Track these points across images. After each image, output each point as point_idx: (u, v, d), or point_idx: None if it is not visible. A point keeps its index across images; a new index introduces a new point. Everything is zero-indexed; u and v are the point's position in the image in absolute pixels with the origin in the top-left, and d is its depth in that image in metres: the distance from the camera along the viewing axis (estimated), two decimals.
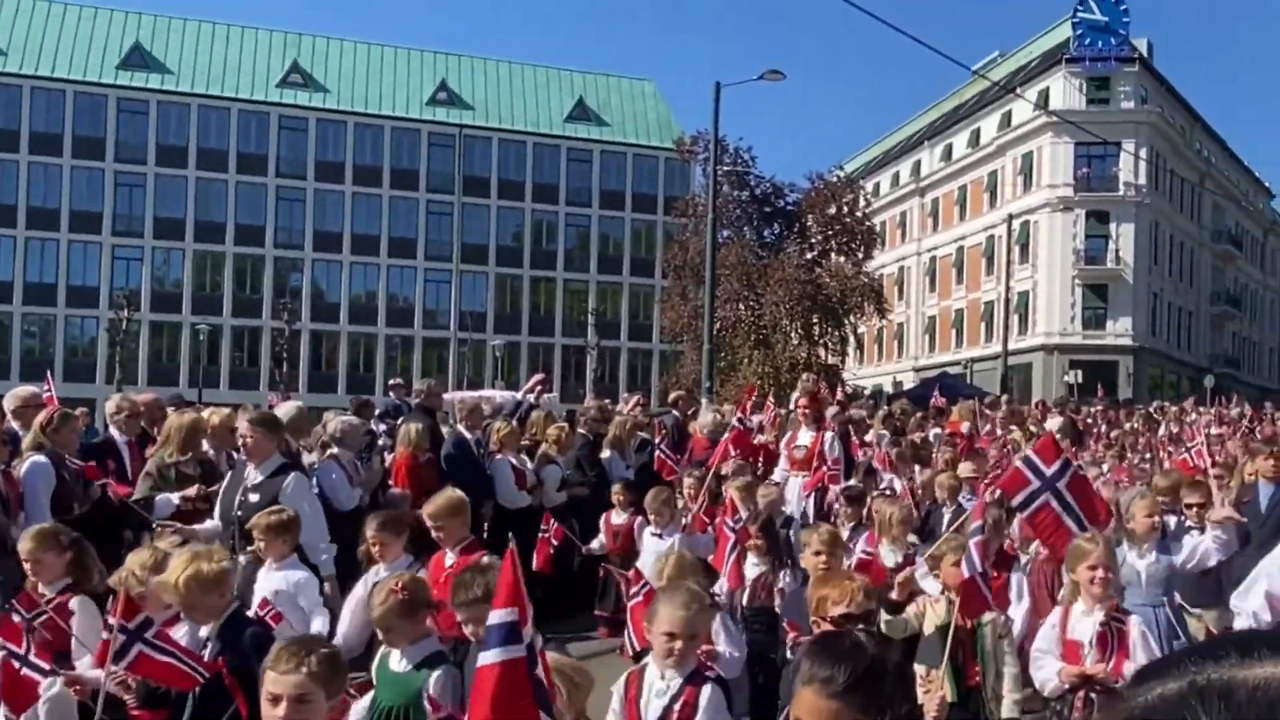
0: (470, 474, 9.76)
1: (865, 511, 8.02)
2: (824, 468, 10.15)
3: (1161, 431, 17.00)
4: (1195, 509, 7.44)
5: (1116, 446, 14.89)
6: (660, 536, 8.08)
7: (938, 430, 13.91)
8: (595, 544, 9.55)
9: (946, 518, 7.90)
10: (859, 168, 65.20)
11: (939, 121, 64.83)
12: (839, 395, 18.09)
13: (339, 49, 61.22)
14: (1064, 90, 52.37)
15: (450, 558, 5.91)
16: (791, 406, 16.13)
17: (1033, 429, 14.52)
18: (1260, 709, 0.65)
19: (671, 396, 16.25)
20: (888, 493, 9.05)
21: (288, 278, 57.73)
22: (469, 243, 59.98)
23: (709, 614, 4.44)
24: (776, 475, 10.52)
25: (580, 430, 11.73)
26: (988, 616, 5.46)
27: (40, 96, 54.66)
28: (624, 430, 11.73)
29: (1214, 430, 15.00)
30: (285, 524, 5.74)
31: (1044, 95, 52.79)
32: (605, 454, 11.46)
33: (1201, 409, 22.46)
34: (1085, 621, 5.08)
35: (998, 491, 7.29)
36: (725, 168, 38.40)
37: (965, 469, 9.50)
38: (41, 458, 7.16)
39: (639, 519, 8.93)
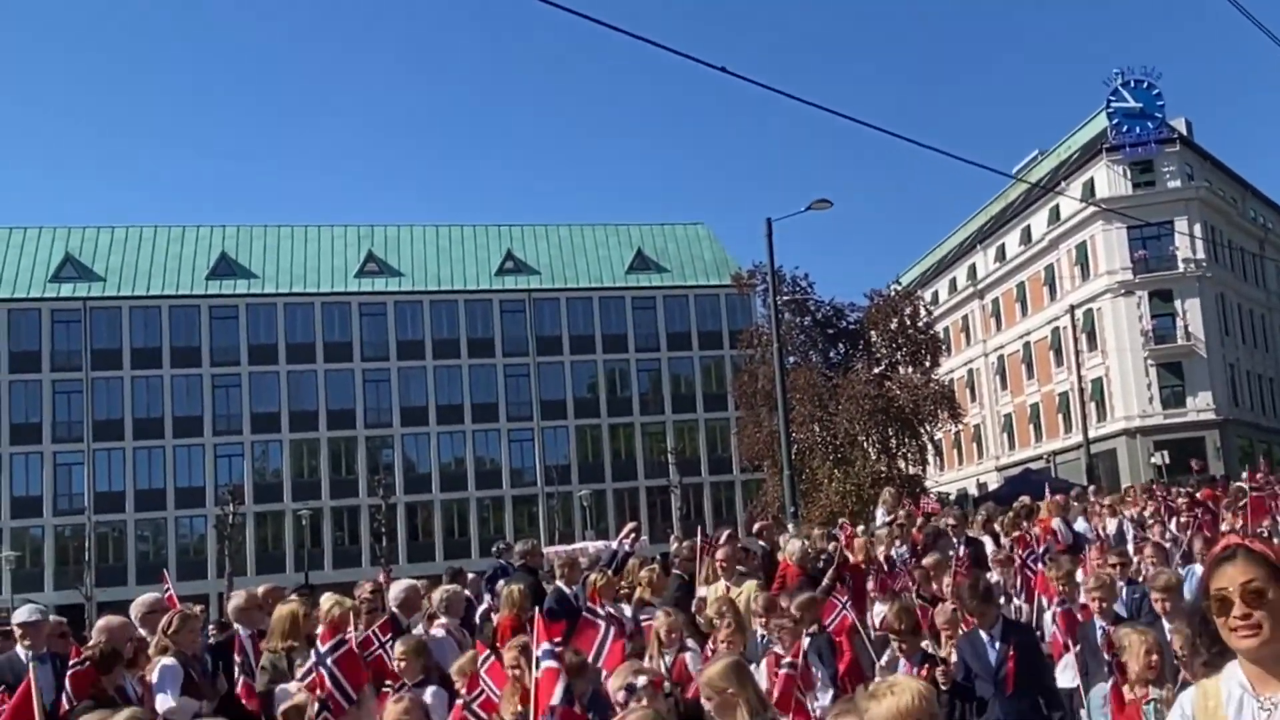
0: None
1: None
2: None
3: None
4: None
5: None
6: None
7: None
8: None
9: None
10: (915, 279, 66.15)
11: (989, 224, 65.54)
12: (923, 505, 18.43)
13: (409, 234, 64.21)
14: (1108, 178, 52.78)
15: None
16: (878, 522, 16.57)
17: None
18: None
19: (757, 526, 16.26)
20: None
21: (380, 455, 59.36)
22: (547, 399, 61.44)
23: None
24: None
25: (675, 571, 11.70)
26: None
27: (138, 314, 57.93)
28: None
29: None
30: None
31: (1089, 185, 53.35)
32: (701, 591, 11.23)
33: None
34: None
35: None
36: (785, 297, 39.21)
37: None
38: (169, 660, 7.53)
39: None
